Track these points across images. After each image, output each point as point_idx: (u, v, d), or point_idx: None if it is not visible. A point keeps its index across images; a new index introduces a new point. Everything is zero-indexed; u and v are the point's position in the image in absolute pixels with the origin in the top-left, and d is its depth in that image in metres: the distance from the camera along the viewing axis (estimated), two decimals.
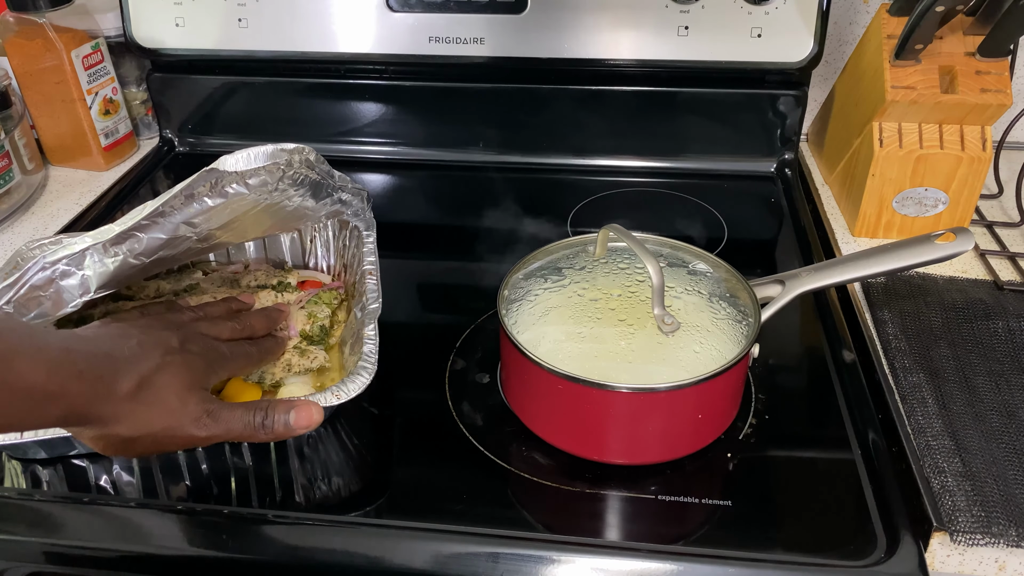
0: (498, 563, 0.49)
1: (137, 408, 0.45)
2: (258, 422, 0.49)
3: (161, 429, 0.46)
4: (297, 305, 0.66)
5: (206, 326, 0.55)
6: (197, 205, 0.53)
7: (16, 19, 0.88)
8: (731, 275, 0.61)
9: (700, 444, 0.57)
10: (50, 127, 0.94)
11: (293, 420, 0.50)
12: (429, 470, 0.57)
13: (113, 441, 0.46)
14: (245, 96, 0.98)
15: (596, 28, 0.88)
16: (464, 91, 0.95)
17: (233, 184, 0.53)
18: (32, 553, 0.53)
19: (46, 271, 0.53)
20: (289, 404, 0.50)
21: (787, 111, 0.91)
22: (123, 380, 0.45)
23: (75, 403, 0.43)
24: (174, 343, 0.49)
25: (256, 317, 0.60)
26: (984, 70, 0.73)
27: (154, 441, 0.47)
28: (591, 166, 0.97)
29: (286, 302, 0.67)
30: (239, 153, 0.52)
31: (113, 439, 0.46)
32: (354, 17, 0.90)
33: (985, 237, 0.80)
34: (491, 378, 0.64)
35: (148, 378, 0.46)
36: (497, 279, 0.61)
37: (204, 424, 0.48)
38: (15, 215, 0.87)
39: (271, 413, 0.49)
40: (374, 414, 0.62)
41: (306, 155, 0.56)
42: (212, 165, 0.52)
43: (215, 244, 0.64)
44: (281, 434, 0.50)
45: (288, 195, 0.57)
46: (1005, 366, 0.62)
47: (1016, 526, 0.50)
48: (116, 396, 0.45)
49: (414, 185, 0.97)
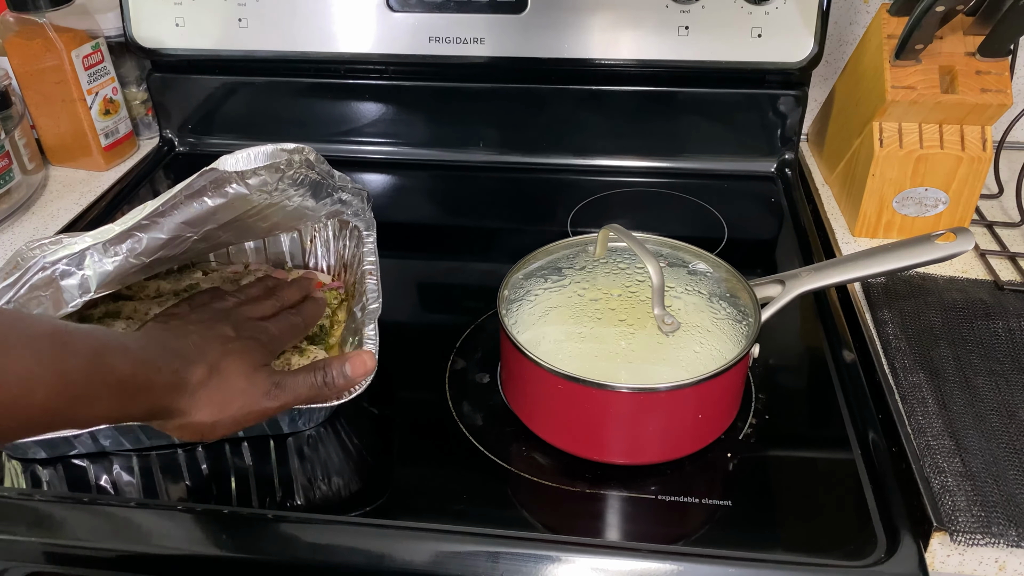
0: (498, 563, 0.49)
1: (212, 395, 0.49)
2: (320, 381, 0.53)
3: (238, 409, 0.50)
4: None
5: (250, 309, 0.58)
6: (197, 205, 0.53)
7: (16, 19, 0.88)
8: (731, 275, 0.61)
9: (700, 444, 0.57)
10: (50, 127, 0.94)
11: (350, 372, 0.54)
12: (429, 470, 0.57)
13: (196, 428, 0.50)
14: (245, 96, 0.98)
15: (596, 28, 0.88)
16: (464, 91, 0.95)
17: (233, 184, 0.53)
18: (32, 553, 0.53)
19: (46, 271, 0.53)
20: (343, 358, 0.54)
21: (787, 111, 0.91)
22: (194, 372, 0.49)
23: (158, 397, 0.47)
24: (229, 332, 0.53)
25: (290, 289, 0.63)
26: (984, 70, 0.73)
27: (234, 420, 0.50)
28: (591, 166, 0.97)
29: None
30: (239, 153, 0.52)
31: (197, 426, 0.49)
32: (354, 17, 0.90)
33: (985, 237, 0.80)
34: (491, 378, 0.64)
35: (215, 366, 0.50)
36: (497, 279, 0.61)
37: (274, 395, 0.51)
38: (15, 215, 0.87)
39: (329, 371, 0.53)
40: (374, 414, 0.62)
41: (306, 155, 0.56)
42: (212, 165, 0.52)
43: (215, 244, 0.64)
44: (343, 386, 0.54)
45: (288, 195, 0.57)
46: (1005, 366, 0.62)
47: (1016, 526, 0.50)
48: (190, 387, 0.48)
49: (414, 185, 0.97)
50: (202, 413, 0.49)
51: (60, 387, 0.41)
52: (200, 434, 0.50)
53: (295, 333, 0.59)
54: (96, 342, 0.44)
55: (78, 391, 0.42)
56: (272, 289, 0.62)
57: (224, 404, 0.49)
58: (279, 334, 0.57)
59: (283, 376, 0.52)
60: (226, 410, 0.50)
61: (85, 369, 0.42)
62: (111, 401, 0.44)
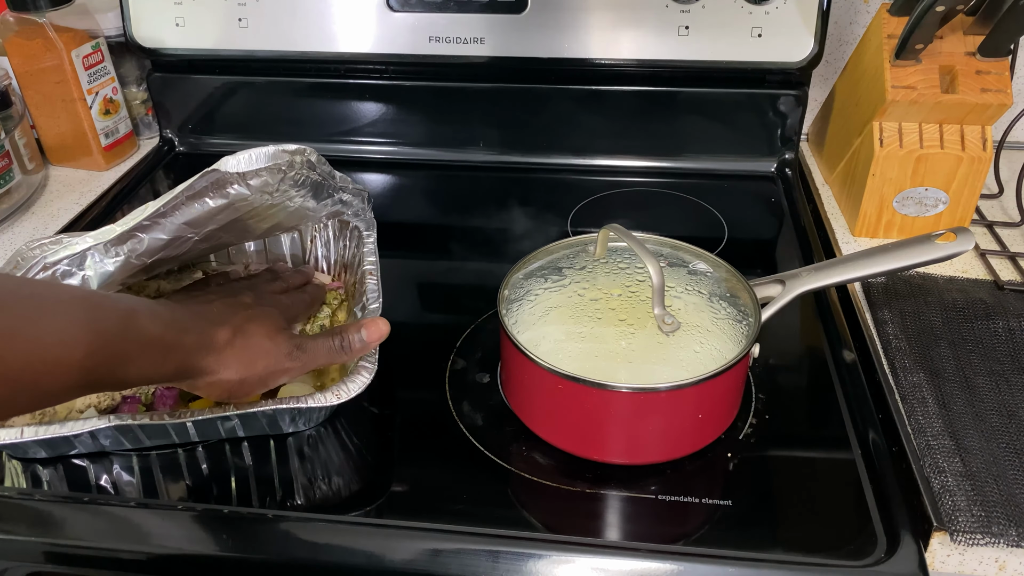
0: (498, 563, 0.49)
1: (239, 355, 0.52)
2: (338, 345, 0.56)
3: (263, 368, 0.53)
4: None
5: (264, 285, 0.63)
6: (198, 206, 0.53)
7: (16, 19, 0.88)
8: (731, 275, 0.61)
9: (700, 444, 0.57)
10: (50, 127, 0.94)
11: (366, 336, 0.57)
12: (429, 470, 0.57)
13: (225, 386, 0.52)
14: (245, 96, 0.98)
15: (596, 28, 0.88)
16: (464, 91, 0.95)
17: (234, 185, 0.53)
18: (32, 553, 0.53)
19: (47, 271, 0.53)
20: (359, 324, 0.57)
21: (787, 111, 0.91)
22: (220, 333, 0.52)
23: (187, 356, 0.50)
24: (248, 300, 0.57)
25: (294, 275, 0.68)
26: (984, 70, 0.73)
27: (259, 379, 0.53)
28: (591, 166, 0.97)
29: None
30: (241, 154, 0.52)
31: (224, 384, 0.52)
32: (354, 17, 0.90)
33: (985, 237, 0.80)
34: (491, 378, 0.64)
35: (240, 328, 0.53)
36: (497, 279, 0.61)
37: (296, 356, 0.55)
38: (15, 215, 0.87)
39: (346, 335, 0.56)
40: (374, 414, 0.62)
41: (307, 156, 0.56)
42: (214, 166, 0.52)
43: (216, 244, 0.64)
44: (359, 350, 0.57)
45: (289, 196, 0.57)
46: (1005, 366, 0.62)
47: (1016, 526, 0.50)
48: (217, 347, 0.51)
49: (414, 185, 0.97)
50: (229, 371, 0.52)
51: (97, 347, 0.43)
52: (228, 392, 0.53)
53: (305, 308, 0.64)
54: (126, 306, 0.47)
55: (114, 350, 0.44)
56: (277, 274, 0.67)
57: (250, 363, 0.52)
58: (292, 305, 0.61)
59: (304, 339, 0.56)
60: (252, 369, 0.52)
61: (118, 330, 0.45)
62: (144, 360, 0.46)
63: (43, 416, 0.58)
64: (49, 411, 0.58)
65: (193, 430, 0.56)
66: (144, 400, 0.60)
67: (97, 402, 0.59)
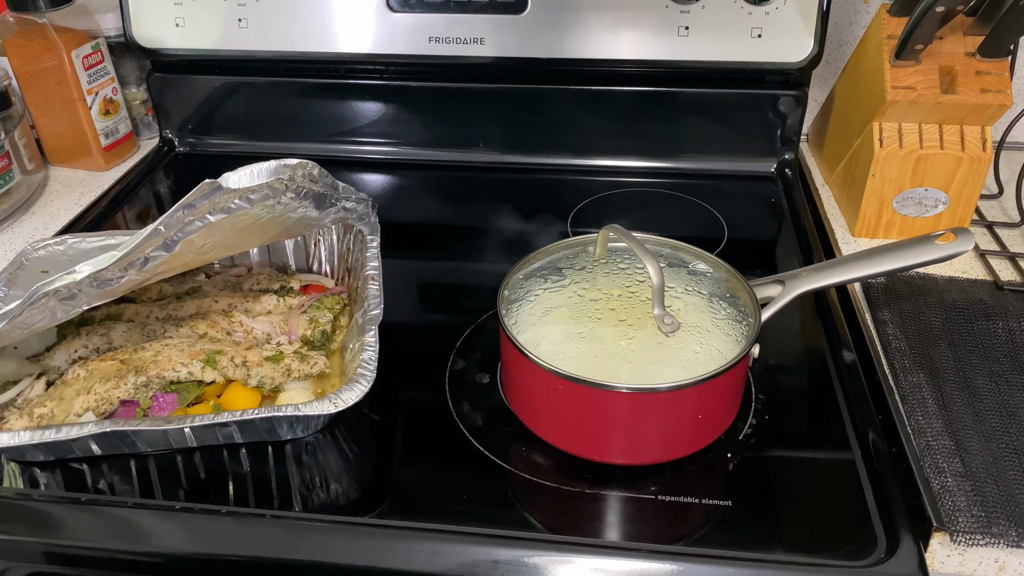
0: (498, 563, 0.49)
1: None
2: None
3: None
4: (299, 310, 0.66)
5: None
6: (199, 223, 0.52)
7: (16, 19, 0.88)
8: (731, 275, 0.61)
9: (700, 444, 0.57)
10: (50, 127, 0.94)
11: None
12: (429, 470, 0.57)
13: None
14: (245, 96, 0.98)
15: (596, 28, 0.88)
16: (465, 91, 0.95)
17: (236, 200, 0.52)
18: (32, 553, 0.53)
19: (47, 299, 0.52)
20: None
21: (787, 111, 0.91)
22: None
23: None
24: None
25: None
26: (984, 70, 0.73)
27: None
28: (591, 166, 0.97)
29: (288, 306, 0.67)
30: (242, 170, 0.52)
31: None
32: (354, 17, 0.90)
33: (985, 237, 0.80)
34: (491, 378, 0.64)
35: None
36: (497, 279, 0.61)
37: None
38: (15, 215, 0.87)
39: None
40: (374, 420, 0.62)
41: (309, 170, 0.55)
42: (216, 181, 0.51)
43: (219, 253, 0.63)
44: None
45: (291, 207, 0.57)
46: (1005, 366, 0.62)
47: (1016, 526, 0.50)
48: None
49: (415, 185, 0.97)
50: None
51: None
52: None
53: None
54: None
55: None
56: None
57: None
58: None
59: None
60: None
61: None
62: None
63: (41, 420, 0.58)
64: (47, 415, 0.57)
65: (191, 435, 0.56)
66: (142, 405, 0.60)
67: (95, 406, 0.58)
